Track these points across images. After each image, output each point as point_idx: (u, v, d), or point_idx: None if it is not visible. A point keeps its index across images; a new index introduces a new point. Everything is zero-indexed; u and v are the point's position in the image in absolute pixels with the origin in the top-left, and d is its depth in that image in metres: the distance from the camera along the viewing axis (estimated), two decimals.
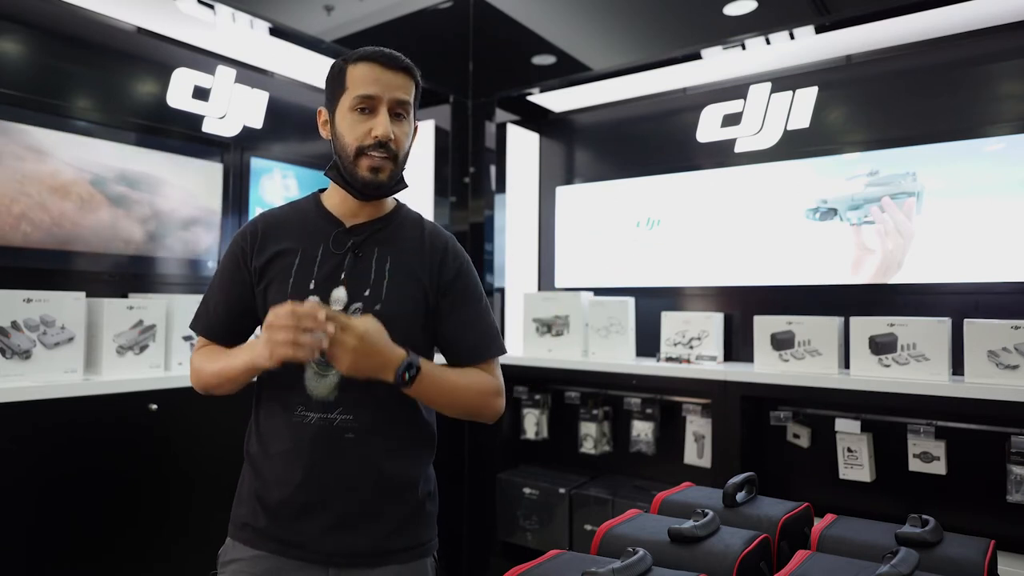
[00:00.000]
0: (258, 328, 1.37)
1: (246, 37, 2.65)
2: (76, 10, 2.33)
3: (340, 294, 1.29)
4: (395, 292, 1.30)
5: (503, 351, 1.42)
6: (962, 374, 2.14)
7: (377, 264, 1.32)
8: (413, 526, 1.32)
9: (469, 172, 3.41)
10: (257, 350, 1.19)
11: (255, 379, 1.36)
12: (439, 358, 1.40)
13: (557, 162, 3.49)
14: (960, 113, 2.42)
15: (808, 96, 2.72)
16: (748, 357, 2.69)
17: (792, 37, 2.53)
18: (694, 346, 2.74)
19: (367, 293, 1.29)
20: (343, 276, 1.30)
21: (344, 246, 1.32)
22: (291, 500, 1.26)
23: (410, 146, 1.36)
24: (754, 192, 2.80)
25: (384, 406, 1.29)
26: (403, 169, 1.35)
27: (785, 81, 2.78)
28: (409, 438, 1.34)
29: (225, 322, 1.35)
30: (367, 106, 1.28)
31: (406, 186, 1.38)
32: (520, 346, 3.16)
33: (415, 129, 1.38)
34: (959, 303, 2.35)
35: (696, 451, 2.73)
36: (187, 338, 2.33)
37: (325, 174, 1.37)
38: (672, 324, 2.81)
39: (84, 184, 2.33)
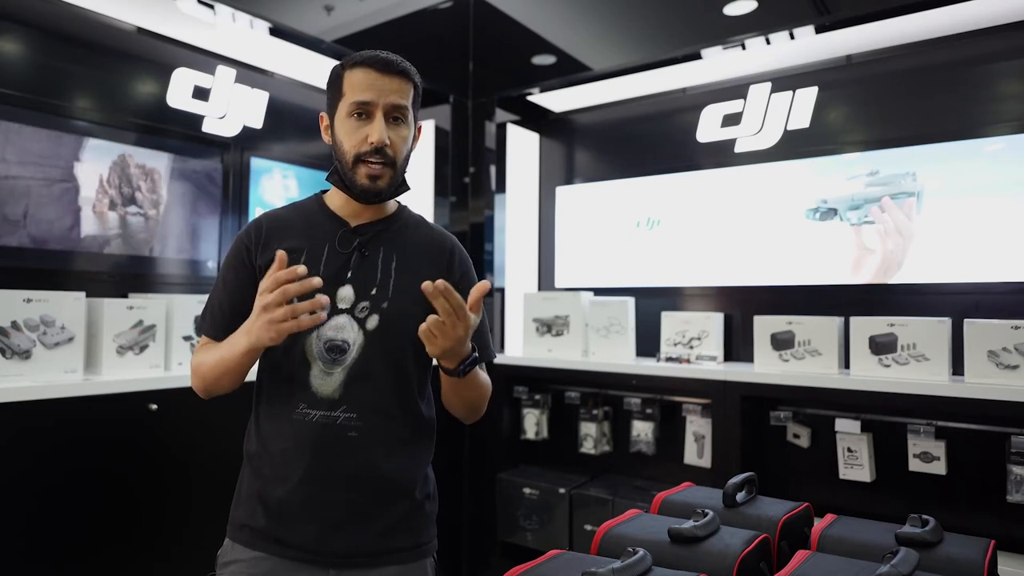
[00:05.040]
0: None
1: (246, 37, 2.65)
2: (76, 10, 2.33)
3: (347, 292, 1.30)
4: (402, 291, 1.31)
5: (495, 356, 1.47)
6: (962, 374, 2.14)
7: (383, 263, 1.33)
8: (413, 526, 1.33)
9: (469, 172, 3.41)
10: (256, 334, 1.16)
11: (256, 378, 1.36)
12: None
13: (557, 162, 3.49)
14: (960, 113, 2.42)
15: (808, 96, 2.72)
16: (748, 357, 2.69)
17: (792, 37, 2.53)
18: (694, 346, 2.74)
19: (374, 292, 1.30)
20: (349, 275, 1.30)
21: (350, 245, 1.33)
22: (291, 498, 1.26)
23: (410, 149, 1.36)
24: (754, 192, 2.80)
25: (387, 405, 1.30)
26: (403, 173, 1.36)
27: (785, 81, 2.78)
28: (410, 438, 1.34)
29: (230, 321, 1.33)
30: (363, 111, 1.28)
31: (408, 188, 1.39)
32: (520, 346, 3.16)
33: (418, 130, 1.38)
34: (959, 303, 2.35)
35: (696, 451, 2.73)
36: (187, 338, 2.33)
37: (327, 179, 1.38)
38: (672, 324, 2.81)
39: (87, 184, 2.33)
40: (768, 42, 2.58)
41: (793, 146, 2.75)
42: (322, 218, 1.36)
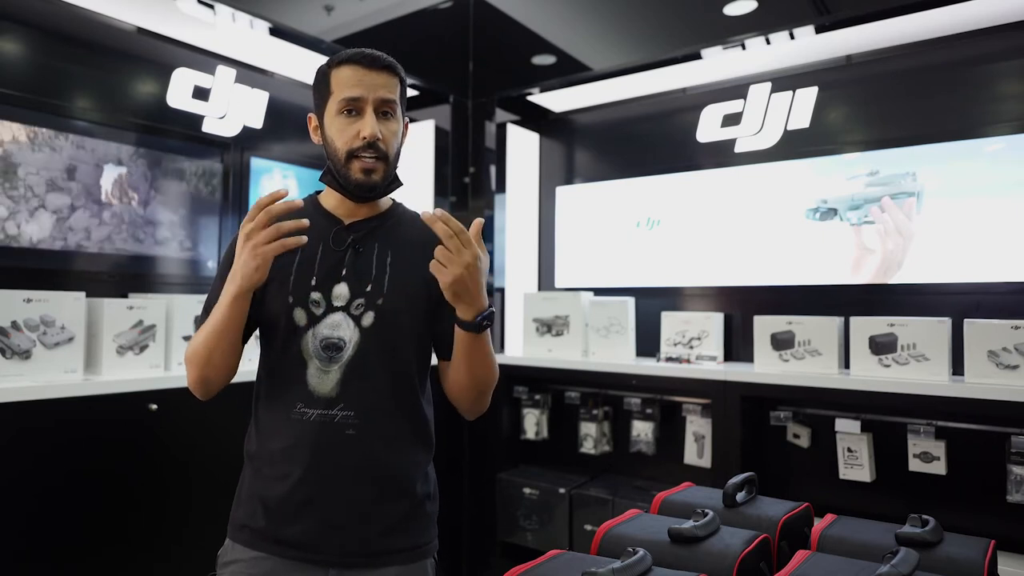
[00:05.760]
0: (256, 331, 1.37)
1: (246, 37, 2.65)
2: (76, 10, 2.33)
3: (342, 290, 1.30)
4: (397, 286, 1.31)
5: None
6: (962, 374, 2.14)
7: (378, 259, 1.33)
8: (413, 527, 1.32)
9: (469, 172, 3.41)
10: (239, 271, 1.16)
11: (255, 378, 1.36)
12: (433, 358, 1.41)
13: (557, 162, 3.49)
14: (960, 113, 2.42)
15: (808, 96, 2.72)
16: (748, 357, 2.69)
17: (792, 37, 2.53)
18: (694, 346, 2.74)
19: (369, 288, 1.30)
20: (344, 272, 1.30)
21: (344, 243, 1.33)
22: (291, 498, 1.26)
23: (400, 144, 1.36)
24: (754, 192, 2.80)
25: (385, 403, 1.30)
26: (395, 168, 1.36)
27: (785, 81, 2.78)
28: (409, 435, 1.34)
29: None
30: (353, 108, 1.29)
31: (401, 184, 1.39)
32: (520, 346, 3.15)
33: (406, 126, 1.38)
34: (959, 303, 2.35)
35: (696, 451, 2.73)
36: (187, 338, 2.33)
37: (320, 179, 1.38)
38: (672, 324, 2.81)
39: (86, 184, 2.33)
40: (768, 42, 2.58)
41: (793, 146, 2.75)
42: (316, 217, 1.36)
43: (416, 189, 3.41)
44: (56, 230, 2.27)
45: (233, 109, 2.79)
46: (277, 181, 2.97)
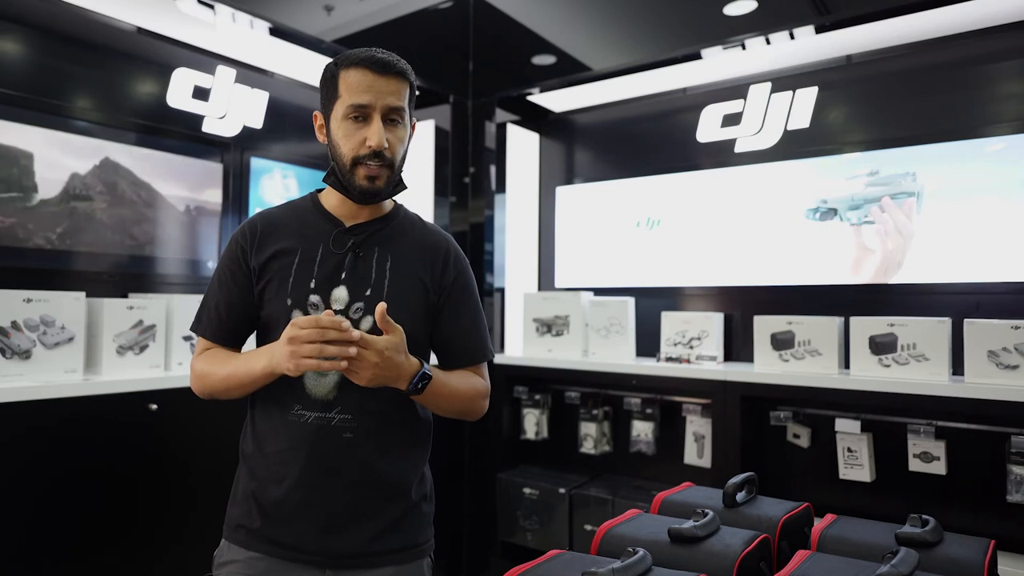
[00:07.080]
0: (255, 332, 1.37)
1: (246, 37, 2.65)
2: (76, 10, 2.33)
3: (341, 294, 1.29)
4: (397, 291, 1.31)
5: (493, 355, 1.45)
6: (962, 374, 2.14)
7: (378, 264, 1.32)
8: (409, 527, 1.33)
9: (469, 172, 3.41)
10: (277, 359, 1.18)
11: None
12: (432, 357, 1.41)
13: (557, 162, 3.49)
14: (960, 113, 2.42)
15: (808, 96, 2.72)
16: (748, 357, 2.69)
17: (792, 37, 2.53)
18: (694, 346, 2.74)
19: (368, 293, 1.29)
20: (343, 276, 1.30)
21: (344, 246, 1.32)
22: (287, 500, 1.26)
23: (406, 148, 1.35)
24: (754, 192, 2.80)
25: (382, 407, 1.30)
26: (400, 172, 1.35)
27: (785, 81, 2.78)
28: (406, 439, 1.34)
29: (227, 323, 1.34)
30: (360, 114, 1.27)
31: (405, 187, 1.38)
32: (520, 346, 3.16)
33: (412, 127, 1.37)
34: (959, 303, 2.35)
35: (696, 451, 2.73)
36: (187, 338, 2.33)
37: (324, 180, 1.37)
38: (672, 324, 2.81)
39: (85, 184, 2.33)
40: (768, 42, 2.58)
41: (793, 146, 2.75)
42: (317, 218, 1.36)
43: (416, 189, 3.41)
44: (57, 230, 2.27)
45: (233, 109, 2.79)
46: (277, 181, 2.97)
